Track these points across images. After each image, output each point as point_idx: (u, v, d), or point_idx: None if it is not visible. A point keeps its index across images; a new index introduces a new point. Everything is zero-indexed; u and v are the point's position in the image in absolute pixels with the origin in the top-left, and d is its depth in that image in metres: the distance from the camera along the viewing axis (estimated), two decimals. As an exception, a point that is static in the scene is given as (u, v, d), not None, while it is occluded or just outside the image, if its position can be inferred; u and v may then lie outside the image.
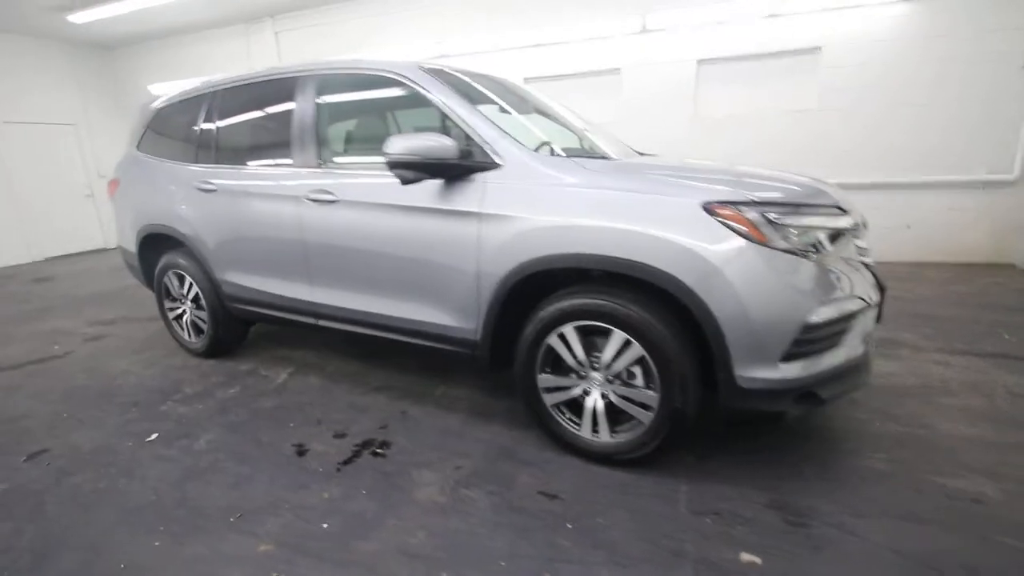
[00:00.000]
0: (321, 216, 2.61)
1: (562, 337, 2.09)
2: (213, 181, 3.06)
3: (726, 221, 1.77)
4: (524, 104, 2.82)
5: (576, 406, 2.18)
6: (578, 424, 2.18)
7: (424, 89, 2.38)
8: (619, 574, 1.61)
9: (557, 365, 2.16)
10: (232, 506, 2.01)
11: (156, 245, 3.54)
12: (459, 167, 2.16)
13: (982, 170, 5.03)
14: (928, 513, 1.81)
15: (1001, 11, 4.65)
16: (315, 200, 2.61)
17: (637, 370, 1.99)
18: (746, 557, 1.66)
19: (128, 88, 8.95)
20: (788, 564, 1.62)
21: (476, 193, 2.16)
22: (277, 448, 2.41)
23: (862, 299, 1.93)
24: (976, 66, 4.82)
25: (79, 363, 3.61)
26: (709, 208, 1.79)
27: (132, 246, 3.65)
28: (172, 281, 3.48)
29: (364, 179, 2.51)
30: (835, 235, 1.92)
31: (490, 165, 2.17)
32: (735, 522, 1.81)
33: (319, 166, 2.68)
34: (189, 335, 3.57)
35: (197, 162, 3.22)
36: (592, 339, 2.06)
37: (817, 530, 1.76)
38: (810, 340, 1.80)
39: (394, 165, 2.12)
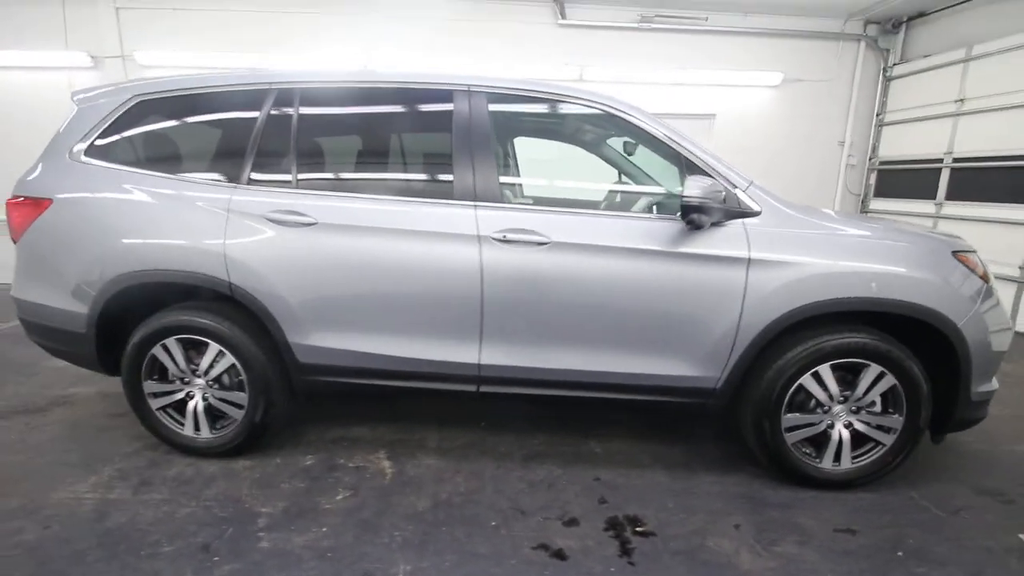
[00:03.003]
0: (519, 260, 2.15)
1: (816, 376, 2.20)
2: (307, 212, 2.21)
3: (969, 266, 2.16)
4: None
5: (811, 441, 2.29)
6: (816, 456, 2.29)
7: (666, 133, 2.24)
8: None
9: (804, 404, 2.24)
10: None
11: (137, 303, 2.36)
12: (730, 212, 2.10)
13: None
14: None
15: (828, 102, 6.48)
16: (509, 241, 2.15)
17: (877, 398, 2.23)
18: (1027, 542, 2.02)
19: None
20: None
21: (739, 238, 2.13)
22: (525, 560, 1.88)
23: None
24: (811, 141, 6.58)
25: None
26: (957, 255, 2.16)
27: (78, 305, 2.34)
28: (170, 353, 2.35)
29: (589, 218, 2.19)
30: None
31: (750, 211, 2.16)
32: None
33: (504, 199, 2.22)
34: (196, 428, 2.44)
35: (252, 183, 2.29)
36: (844, 375, 2.21)
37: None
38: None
39: (690, 209, 1.95)
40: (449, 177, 2.25)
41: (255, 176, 2.29)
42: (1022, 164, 4.69)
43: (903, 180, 6.12)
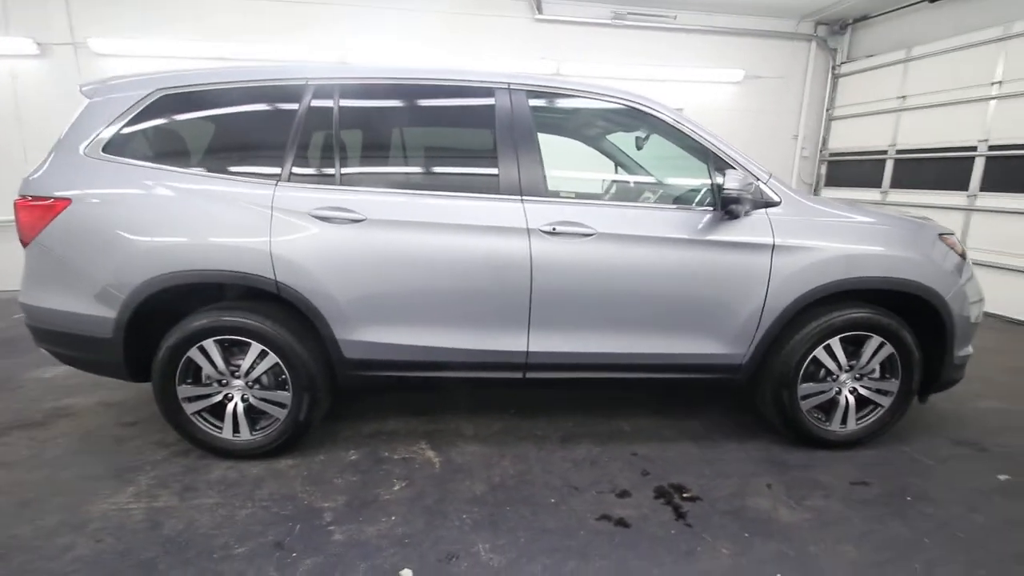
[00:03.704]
0: (567, 251, 2.26)
1: (828, 348, 2.45)
2: (355, 209, 2.22)
3: (952, 246, 2.47)
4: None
5: (820, 407, 2.56)
6: (826, 420, 2.56)
7: (693, 129, 2.40)
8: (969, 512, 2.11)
9: (815, 375, 2.50)
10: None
11: (170, 305, 2.29)
12: (757, 203, 2.30)
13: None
14: None
15: (784, 97, 6.94)
16: (557, 233, 2.26)
17: (877, 366, 2.51)
18: None
19: None
20: None
21: (764, 226, 2.33)
22: (593, 530, 2.01)
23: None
24: (769, 134, 7.04)
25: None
26: (942, 238, 2.47)
27: (104, 309, 2.23)
28: (208, 355, 2.29)
29: (629, 210, 2.32)
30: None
31: (772, 201, 2.37)
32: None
33: (549, 194, 2.31)
34: (235, 430, 2.40)
35: (294, 180, 2.26)
36: (846, 347, 2.48)
37: (998, 453, 2.61)
38: (974, 326, 2.66)
39: (730, 200, 2.12)
40: (494, 171, 2.32)
41: (297, 172, 2.26)
42: (956, 155, 5.27)
43: (852, 170, 6.69)
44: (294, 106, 2.29)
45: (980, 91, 5.00)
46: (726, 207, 2.19)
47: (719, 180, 2.31)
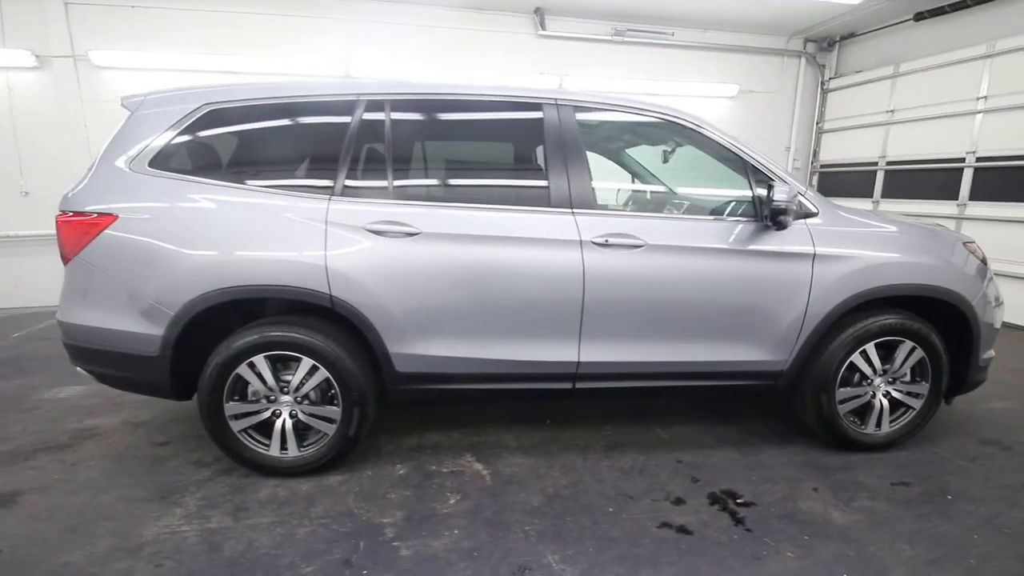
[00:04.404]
0: (618, 262, 2.30)
1: (863, 353, 2.54)
2: (409, 222, 2.23)
3: (973, 252, 2.60)
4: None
5: (854, 411, 2.64)
6: (861, 423, 2.64)
7: (735, 144, 2.49)
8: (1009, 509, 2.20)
9: (850, 379, 2.58)
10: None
11: (218, 321, 2.26)
12: (798, 213, 2.38)
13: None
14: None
15: (776, 111, 7.18)
16: (609, 245, 2.30)
17: (908, 370, 2.61)
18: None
19: None
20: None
21: (805, 236, 2.42)
22: (657, 538, 2.03)
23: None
24: (763, 147, 7.23)
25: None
26: (966, 245, 2.59)
27: (150, 326, 2.19)
28: (258, 371, 2.26)
29: (677, 222, 2.39)
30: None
31: (811, 212, 2.46)
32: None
33: (598, 206, 2.36)
34: (282, 447, 2.36)
35: (347, 194, 2.26)
36: (884, 352, 2.57)
37: (1021, 450, 2.72)
38: (993, 329, 2.78)
39: (779, 211, 2.20)
40: (543, 184, 2.36)
41: (349, 186, 2.27)
42: (945, 166, 5.52)
43: (843, 181, 6.93)
44: (346, 120, 2.30)
45: (967, 105, 5.26)
46: (775, 218, 2.27)
47: (760, 192, 2.40)
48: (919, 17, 5.73)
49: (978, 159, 5.21)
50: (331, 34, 5.83)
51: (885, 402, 2.62)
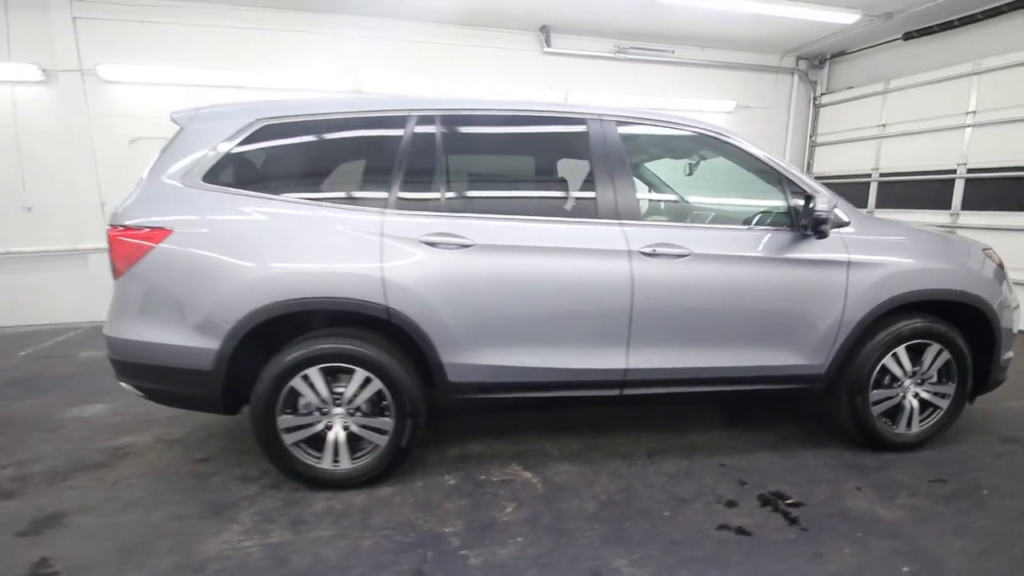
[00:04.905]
0: (665, 271, 2.37)
1: (894, 356, 2.64)
2: (463, 234, 2.27)
3: (991, 257, 2.73)
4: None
5: (886, 412, 2.73)
6: (893, 424, 2.74)
7: (771, 158, 2.59)
8: (1056, 508, 2.30)
9: (881, 381, 2.67)
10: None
11: (268, 335, 2.26)
12: (833, 223, 2.48)
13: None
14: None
15: (771, 126, 7.42)
16: (656, 255, 2.37)
17: (935, 372, 2.72)
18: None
19: None
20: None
21: (839, 244, 2.52)
22: (717, 540, 2.08)
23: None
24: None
25: None
26: (985, 252, 2.72)
27: (205, 340, 2.18)
28: (311, 383, 2.27)
29: (720, 231, 2.47)
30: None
31: (843, 222, 2.57)
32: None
33: (644, 217, 2.44)
34: (335, 459, 2.35)
35: (401, 207, 2.30)
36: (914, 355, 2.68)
37: (1041, 447, 2.84)
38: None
39: (820, 221, 2.30)
40: (591, 195, 2.43)
41: (403, 199, 2.31)
42: (937, 178, 5.76)
43: (838, 192, 7.09)
44: (398, 134, 2.34)
45: (956, 119, 5.52)
46: (817, 227, 2.37)
47: (796, 202, 2.50)
48: (908, 36, 6.01)
49: (969, 170, 5.46)
50: (339, 50, 5.87)
51: (915, 403, 2.72)
